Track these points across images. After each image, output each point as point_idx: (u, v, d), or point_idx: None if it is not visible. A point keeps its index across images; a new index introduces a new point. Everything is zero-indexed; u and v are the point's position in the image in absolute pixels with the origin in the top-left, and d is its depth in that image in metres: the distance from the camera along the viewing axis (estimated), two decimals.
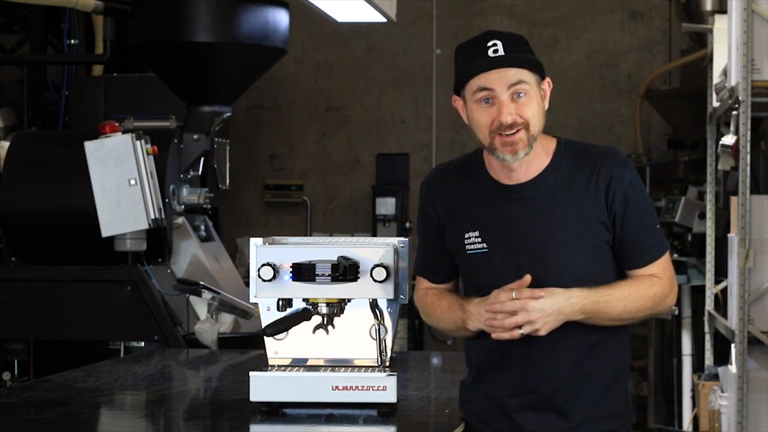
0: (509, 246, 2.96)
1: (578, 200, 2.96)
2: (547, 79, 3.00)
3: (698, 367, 7.05)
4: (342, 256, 3.02)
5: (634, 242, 2.97)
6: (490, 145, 2.93)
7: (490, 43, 2.92)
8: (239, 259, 8.22)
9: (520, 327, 2.86)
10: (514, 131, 2.90)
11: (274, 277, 3.02)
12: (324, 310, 3.09)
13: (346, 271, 3.01)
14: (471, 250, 2.99)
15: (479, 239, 2.98)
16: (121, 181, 5.22)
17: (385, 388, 3.04)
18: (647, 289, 2.96)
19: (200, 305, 5.28)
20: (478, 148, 3.05)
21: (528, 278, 2.88)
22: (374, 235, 8.47)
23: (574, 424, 2.97)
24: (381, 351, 3.10)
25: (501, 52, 2.92)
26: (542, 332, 2.85)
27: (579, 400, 2.97)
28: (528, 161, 2.96)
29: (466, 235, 2.99)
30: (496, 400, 3.02)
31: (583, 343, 2.97)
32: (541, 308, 2.85)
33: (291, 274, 3.02)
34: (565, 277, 2.91)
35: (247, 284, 3.15)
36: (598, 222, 2.95)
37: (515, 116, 2.90)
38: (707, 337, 6.75)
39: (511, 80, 2.90)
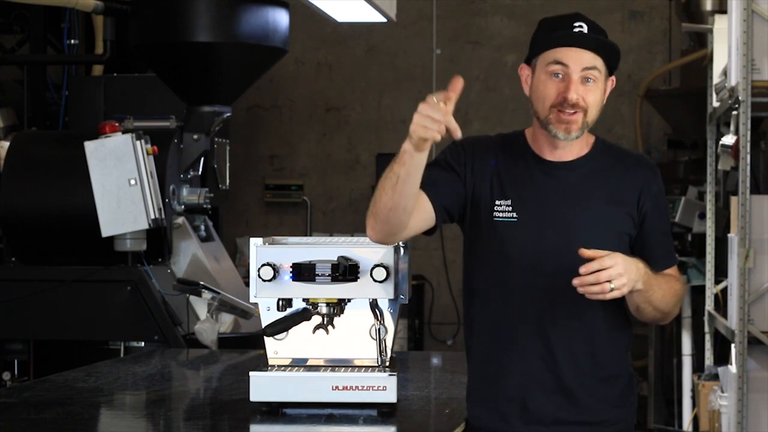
0: (539, 219, 2.98)
1: (612, 190, 3.02)
2: (612, 78, 3.04)
3: (698, 367, 7.05)
4: (342, 256, 3.02)
5: (656, 245, 3.04)
6: (546, 119, 2.98)
7: (576, 23, 2.98)
8: (239, 259, 8.22)
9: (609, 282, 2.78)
10: (574, 111, 2.95)
11: (274, 277, 3.02)
12: (324, 310, 3.09)
13: (346, 271, 3.01)
14: (499, 217, 2.99)
15: (510, 208, 2.99)
16: (121, 181, 5.22)
17: (385, 388, 3.04)
18: (675, 283, 3.05)
19: (200, 305, 5.28)
20: (516, 130, 3.11)
21: (461, 80, 2.74)
22: None
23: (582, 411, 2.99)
24: (381, 351, 3.10)
25: (585, 32, 2.98)
26: (626, 289, 2.80)
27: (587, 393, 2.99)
28: (572, 144, 3.02)
29: (497, 202, 3.00)
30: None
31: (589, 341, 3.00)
32: (623, 262, 2.80)
33: (291, 274, 3.02)
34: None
35: (247, 284, 3.15)
36: (627, 215, 3.01)
37: (580, 98, 2.95)
38: (707, 337, 6.75)
39: (587, 63, 2.96)
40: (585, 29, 2.97)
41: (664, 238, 3.09)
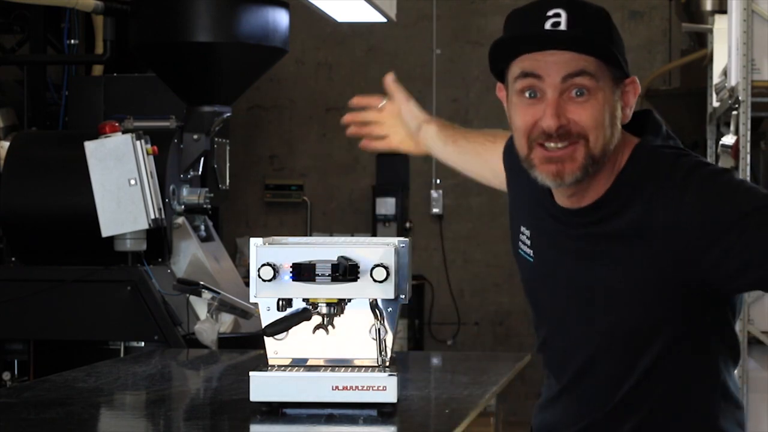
0: (552, 274, 2.25)
1: (639, 237, 2.11)
2: (633, 79, 2.22)
3: None
4: (342, 256, 3.02)
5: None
6: (528, 161, 2.14)
7: (551, 12, 2.09)
8: (239, 259, 8.22)
9: None
10: (565, 144, 2.09)
11: (274, 277, 3.02)
12: (324, 310, 3.09)
13: (346, 271, 3.00)
14: (522, 250, 2.33)
15: (529, 242, 2.30)
16: (121, 181, 5.21)
17: (385, 388, 3.04)
18: None
19: (200, 305, 5.27)
20: None
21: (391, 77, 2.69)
22: (374, 235, 8.47)
23: None
24: (381, 351, 3.10)
25: (563, 27, 2.08)
26: None
27: None
28: (587, 183, 2.15)
29: (522, 228, 2.33)
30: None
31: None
32: None
33: (291, 274, 3.02)
34: (616, 340, 2.18)
35: (247, 284, 3.14)
36: (675, 268, 2.09)
37: (566, 121, 2.08)
38: None
39: (570, 68, 2.07)
40: (563, 19, 2.08)
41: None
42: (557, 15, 2.08)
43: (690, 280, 2.08)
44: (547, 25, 2.08)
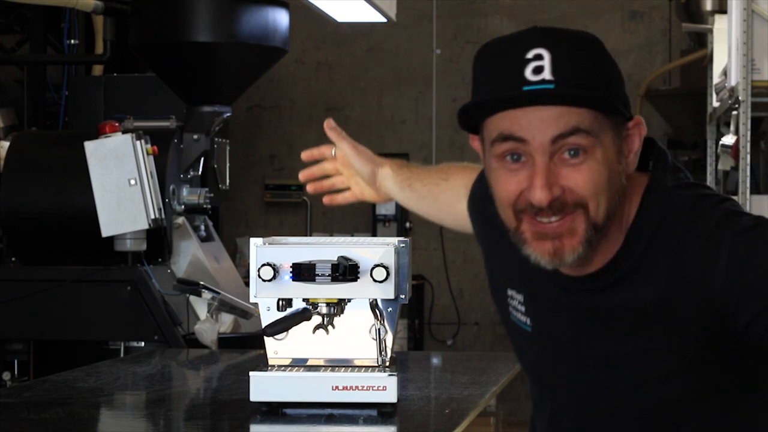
0: (557, 345, 1.91)
1: (657, 307, 1.79)
2: (638, 120, 1.80)
3: None
4: (342, 256, 3.02)
5: None
6: (518, 236, 1.78)
7: (531, 53, 1.71)
8: (239, 259, 8.22)
9: None
10: (561, 216, 1.74)
11: (274, 277, 3.02)
12: (324, 310, 3.09)
13: (346, 271, 3.00)
14: (515, 317, 1.98)
15: (523, 308, 1.95)
16: (121, 181, 5.21)
17: (385, 388, 3.04)
18: None
19: (200, 305, 5.27)
20: None
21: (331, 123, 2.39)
22: (374, 235, 8.47)
23: None
24: (381, 351, 3.10)
25: (547, 74, 1.70)
26: None
27: None
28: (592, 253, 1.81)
29: (509, 292, 1.98)
30: None
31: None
32: None
33: (291, 274, 3.02)
34: (637, 412, 1.88)
35: (247, 284, 3.14)
36: (693, 339, 1.80)
37: (559, 191, 1.72)
38: None
39: (559, 127, 1.71)
40: (547, 63, 1.70)
41: None
42: (539, 57, 1.70)
43: (725, 346, 1.79)
44: (528, 72, 1.70)
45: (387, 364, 3.10)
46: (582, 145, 1.71)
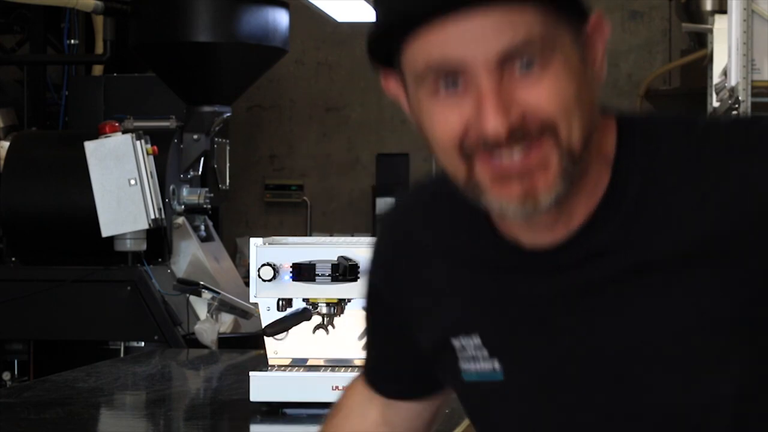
0: (551, 371, 1.38)
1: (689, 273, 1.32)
2: (598, 14, 1.33)
3: None
4: (342, 256, 3.02)
5: None
6: (470, 183, 1.31)
7: None
8: (239, 259, 8.22)
9: None
10: (521, 150, 1.28)
11: (274, 277, 3.02)
12: (324, 310, 3.09)
13: (346, 271, 3.00)
14: (471, 373, 1.45)
15: (485, 351, 1.42)
16: (121, 181, 5.21)
17: None
18: None
19: (200, 305, 5.27)
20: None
21: None
22: (374, 235, 8.44)
23: None
24: None
25: None
26: None
27: None
28: (568, 204, 1.33)
29: (454, 344, 1.45)
30: None
31: None
32: None
33: (291, 274, 3.02)
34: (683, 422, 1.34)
35: (247, 284, 3.14)
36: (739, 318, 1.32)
37: (518, 113, 1.26)
38: None
39: (504, 40, 1.26)
40: None
41: None
42: None
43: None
44: None
45: None
46: (534, 54, 1.26)
